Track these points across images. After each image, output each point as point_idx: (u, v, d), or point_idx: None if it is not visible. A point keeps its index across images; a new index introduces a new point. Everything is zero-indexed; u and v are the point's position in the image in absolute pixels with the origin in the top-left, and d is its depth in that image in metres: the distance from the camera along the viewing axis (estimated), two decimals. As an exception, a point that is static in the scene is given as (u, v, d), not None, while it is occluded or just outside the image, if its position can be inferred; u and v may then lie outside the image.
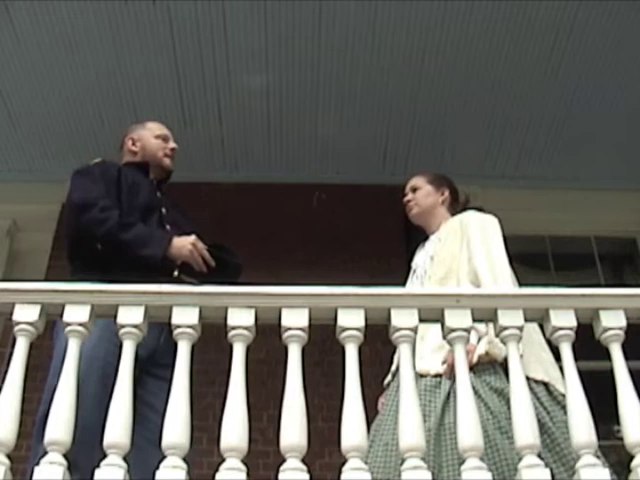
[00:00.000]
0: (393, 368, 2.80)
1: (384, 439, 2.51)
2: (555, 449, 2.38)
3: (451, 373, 2.49)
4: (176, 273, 2.69)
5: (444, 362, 2.55)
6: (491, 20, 4.29)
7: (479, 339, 2.55)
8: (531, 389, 2.46)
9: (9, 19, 4.25)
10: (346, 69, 4.56)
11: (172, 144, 3.16)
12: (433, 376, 2.57)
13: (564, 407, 2.40)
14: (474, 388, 2.41)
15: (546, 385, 2.55)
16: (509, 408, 2.35)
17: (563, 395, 2.45)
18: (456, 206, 3.10)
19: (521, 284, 2.85)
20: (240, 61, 4.51)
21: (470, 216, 2.95)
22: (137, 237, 2.69)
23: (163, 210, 2.97)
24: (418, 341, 2.62)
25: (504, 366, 2.50)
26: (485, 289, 2.58)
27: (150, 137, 3.13)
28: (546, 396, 2.52)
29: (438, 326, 2.24)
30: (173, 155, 3.15)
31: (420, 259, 3.02)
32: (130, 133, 3.19)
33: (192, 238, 2.74)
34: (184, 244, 2.72)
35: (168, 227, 2.88)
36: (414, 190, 3.14)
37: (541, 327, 2.35)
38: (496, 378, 2.52)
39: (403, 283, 3.02)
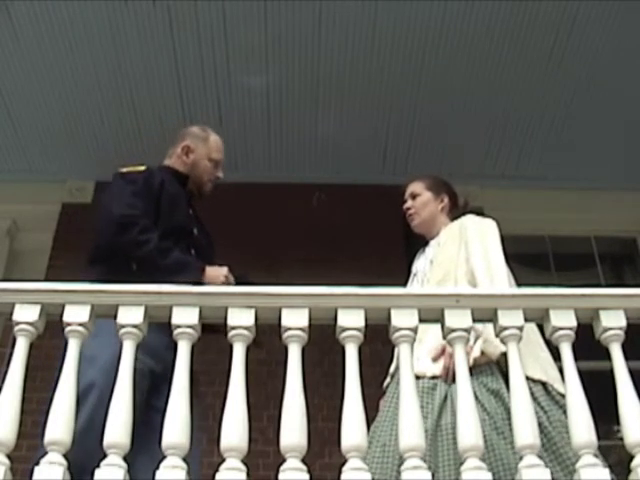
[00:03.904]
0: (391, 370, 2.81)
1: (382, 440, 2.51)
2: (551, 448, 2.39)
3: (447, 376, 2.50)
4: None
5: (434, 359, 2.56)
6: (491, 20, 4.29)
7: (476, 338, 2.56)
8: (529, 388, 2.47)
9: (9, 19, 4.25)
10: (346, 69, 4.56)
11: (220, 173, 3.11)
12: (430, 378, 2.58)
13: (562, 407, 2.41)
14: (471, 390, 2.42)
15: (544, 385, 2.56)
16: (505, 409, 2.37)
17: (561, 395, 2.45)
18: (455, 211, 3.11)
19: (521, 284, 2.85)
20: (240, 61, 4.51)
21: (469, 219, 2.97)
22: (174, 264, 2.67)
23: (195, 231, 2.96)
24: (416, 343, 2.63)
25: (500, 367, 2.52)
26: (485, 289, 2.59)
27: (204, 157, 3.07)
28: (544, 395, 2.52)
29: (436, 328, 2.24)
30: (215, 182, 3.12)
31: (420, 264, 3.03)
32: (188, 139, 3.10)
33: (225, 270, 2.76)
34: (217, 275, 2.73)
35: (193, 252, 2.88)
36: (413, 197, 3.14)
37: (540, 327, 2.35)
38: (493, 379, 2.52)
39: (403, 283, 3.02)
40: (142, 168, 2.96)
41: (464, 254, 2.80)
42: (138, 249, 2.68)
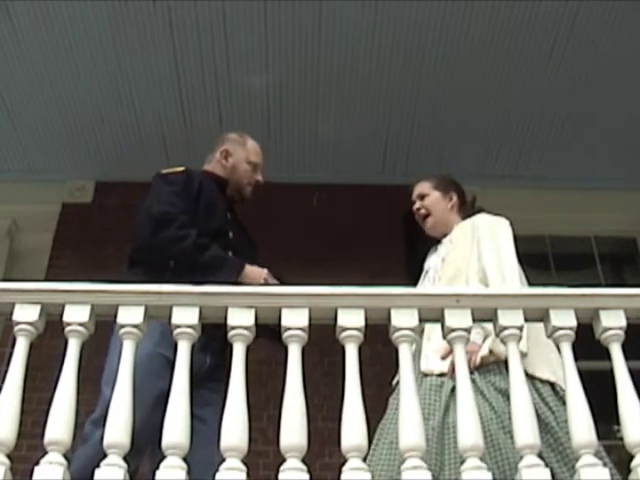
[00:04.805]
0: (401, 368, 2.81)
1: (389, 438, 2.52)
2: (558, 449, 2.38)
3: (454, 373, 2.50)
4: None
5: (443, 358, 2.56)
6: (491, 20, 4.29)
7: (485, 337, 2.56)
8: (537, 389, 2.47)
9: (9, 19, 4.25)
10: (346, 68, 4.56)
11: (260, 177, 3.15)
12: (437, 375, 2.58)
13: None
14: (479, 388, 2.42)
15: (552, 385, 2.55)
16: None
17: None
18: (465, 208, 3.11)
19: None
20: (240, 61, 4.51)
21: (481, 218, 2.99)
22: (212, 260, 2.68)
23: (230, 234, 2.96)
24: (424, 341, 2.64)
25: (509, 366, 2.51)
26: (485, 289, 2.59)
27: (243, 160, 3.11)
28: (552, 396, 2.52)
29: (445, 326, 2.24)
30: (255, 186, 3.14)
31: (432, 261, 3.04)
32: (227, 144, 3.15)
33: (265, 272, 2.76)
34: (257, 276, 2.73)
35: (230, 253, 2.87)
36: (422, 197, 3.14)
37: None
38: (501, 378, 2.52)
39: (403, 283, 3.01)
40: (181, 169, 2.99)
41: (476, 252, 2.81)
42: (176, 245, 2.69)
